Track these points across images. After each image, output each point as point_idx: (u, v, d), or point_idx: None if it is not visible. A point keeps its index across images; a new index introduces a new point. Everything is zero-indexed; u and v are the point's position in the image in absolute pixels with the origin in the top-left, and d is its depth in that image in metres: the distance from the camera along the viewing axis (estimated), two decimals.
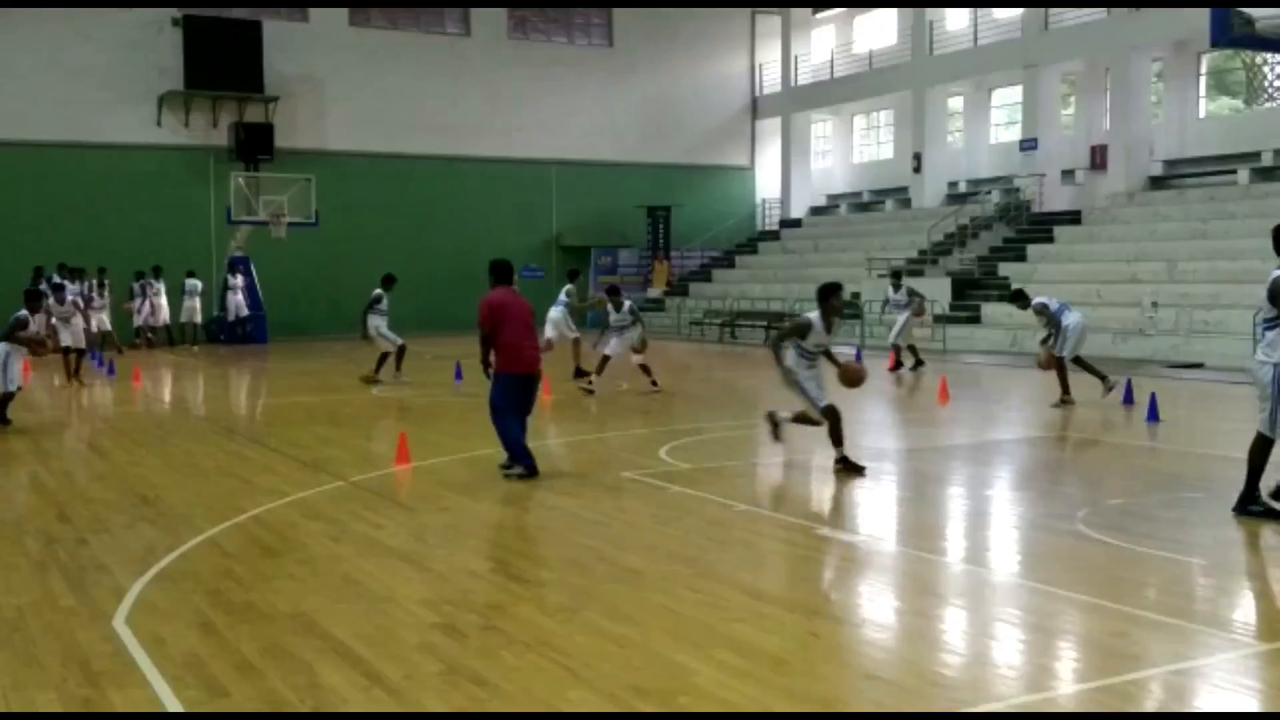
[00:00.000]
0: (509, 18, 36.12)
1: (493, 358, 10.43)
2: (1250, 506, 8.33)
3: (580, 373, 18.35)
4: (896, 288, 21.25)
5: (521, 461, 10.29)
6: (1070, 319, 15.00)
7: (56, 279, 24.57)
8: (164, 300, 29.50)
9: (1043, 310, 15.16)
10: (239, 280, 30.40)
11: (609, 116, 37.27)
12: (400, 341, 19.05)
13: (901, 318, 20.79)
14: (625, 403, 17.05)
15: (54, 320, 19.72)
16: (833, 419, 10.34)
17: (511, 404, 10.36)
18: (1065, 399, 15.01)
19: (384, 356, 19.15)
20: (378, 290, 19.21)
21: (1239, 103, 29.98)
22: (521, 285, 27.41)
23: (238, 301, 30.40)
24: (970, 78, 33.46)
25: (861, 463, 10.45)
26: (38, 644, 5.93)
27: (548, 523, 9.24)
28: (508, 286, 10.59)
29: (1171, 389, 16.24)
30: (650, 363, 17.55)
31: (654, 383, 17.25)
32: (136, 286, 29.03)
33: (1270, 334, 8.15)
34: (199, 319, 29.99)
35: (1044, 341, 15.21)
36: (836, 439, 10.34)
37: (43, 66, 30.02)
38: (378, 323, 19.00)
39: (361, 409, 16.15)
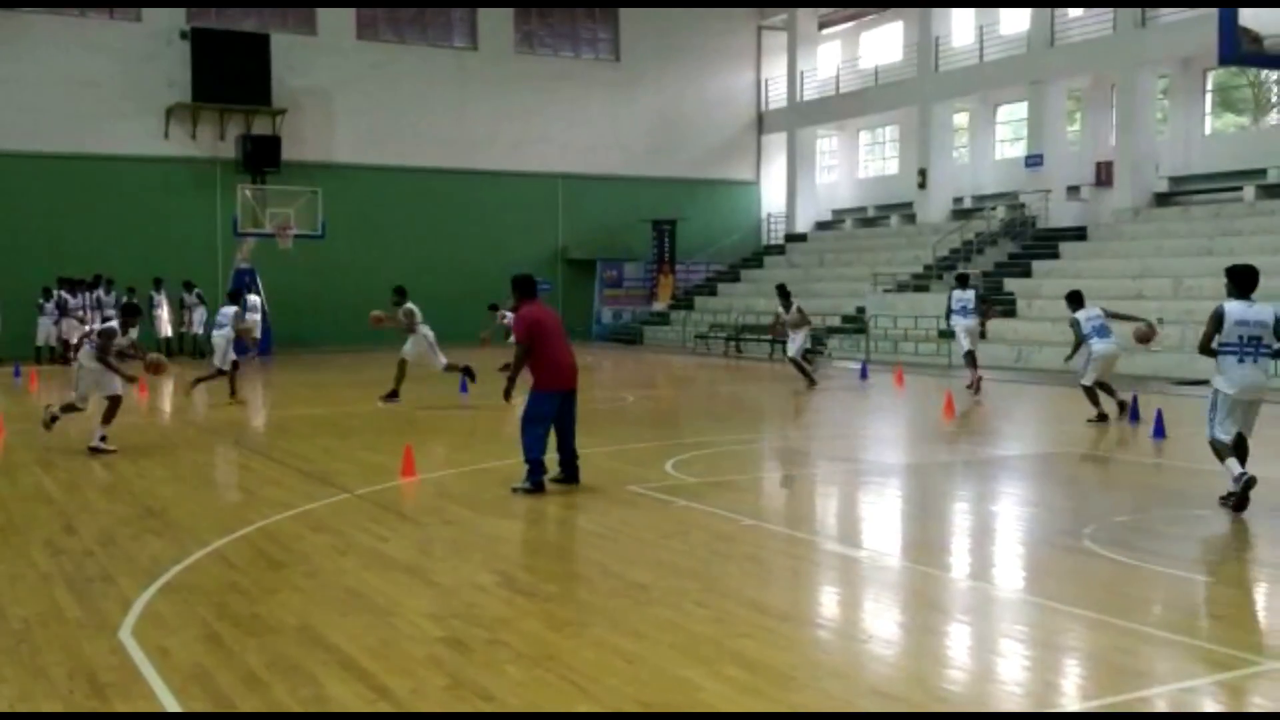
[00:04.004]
0: (515, 31, 36.23)
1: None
2: None
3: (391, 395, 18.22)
4: (503, 315, 18.65)
5: (533, 477, 10.22)
6: (1099, 346, 15.19)
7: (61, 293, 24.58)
8: (165, 313, 29.52)
9: (1075, 325, 15.42)
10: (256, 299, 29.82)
11: (615, 130, 37.36)
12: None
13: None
14: (630, 416, 17.08)
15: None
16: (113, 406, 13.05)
17: (553, 418, 10.31)
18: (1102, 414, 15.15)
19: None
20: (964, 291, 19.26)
21: (1245, 120, 30.03)
22: None
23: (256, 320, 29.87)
24: (976, 93, 33.51)
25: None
26: (44, 655, 5.93)
27: (554, 536, 9.24)
28: (535, 300, 10.69)
29: (1177, 406, 16.22)
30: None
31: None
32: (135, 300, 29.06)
33: None
34: (199, 330, 29.99)
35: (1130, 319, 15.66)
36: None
37: (51, 78, 30.14)
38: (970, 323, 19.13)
39: (367, 421, 16.15)
